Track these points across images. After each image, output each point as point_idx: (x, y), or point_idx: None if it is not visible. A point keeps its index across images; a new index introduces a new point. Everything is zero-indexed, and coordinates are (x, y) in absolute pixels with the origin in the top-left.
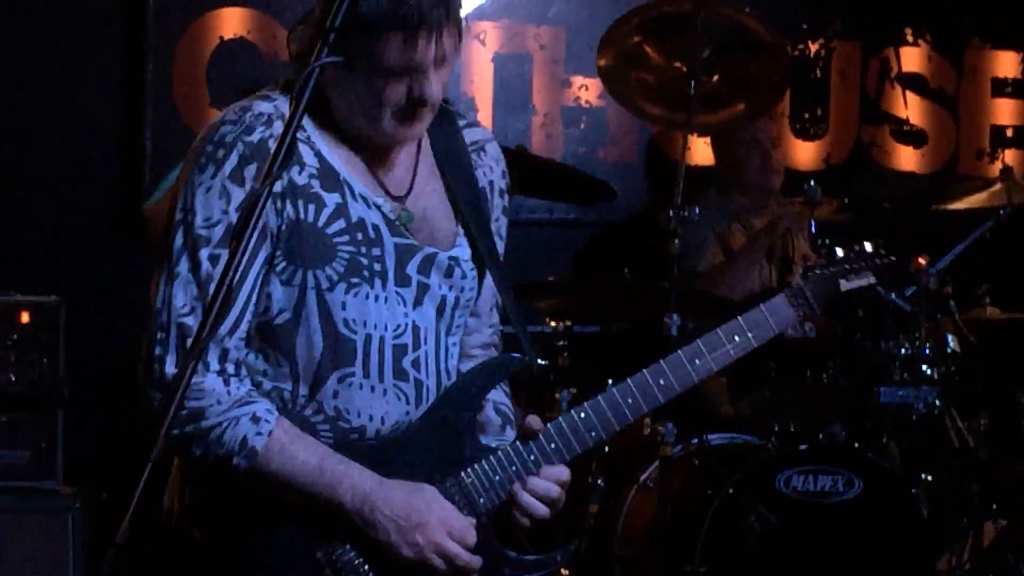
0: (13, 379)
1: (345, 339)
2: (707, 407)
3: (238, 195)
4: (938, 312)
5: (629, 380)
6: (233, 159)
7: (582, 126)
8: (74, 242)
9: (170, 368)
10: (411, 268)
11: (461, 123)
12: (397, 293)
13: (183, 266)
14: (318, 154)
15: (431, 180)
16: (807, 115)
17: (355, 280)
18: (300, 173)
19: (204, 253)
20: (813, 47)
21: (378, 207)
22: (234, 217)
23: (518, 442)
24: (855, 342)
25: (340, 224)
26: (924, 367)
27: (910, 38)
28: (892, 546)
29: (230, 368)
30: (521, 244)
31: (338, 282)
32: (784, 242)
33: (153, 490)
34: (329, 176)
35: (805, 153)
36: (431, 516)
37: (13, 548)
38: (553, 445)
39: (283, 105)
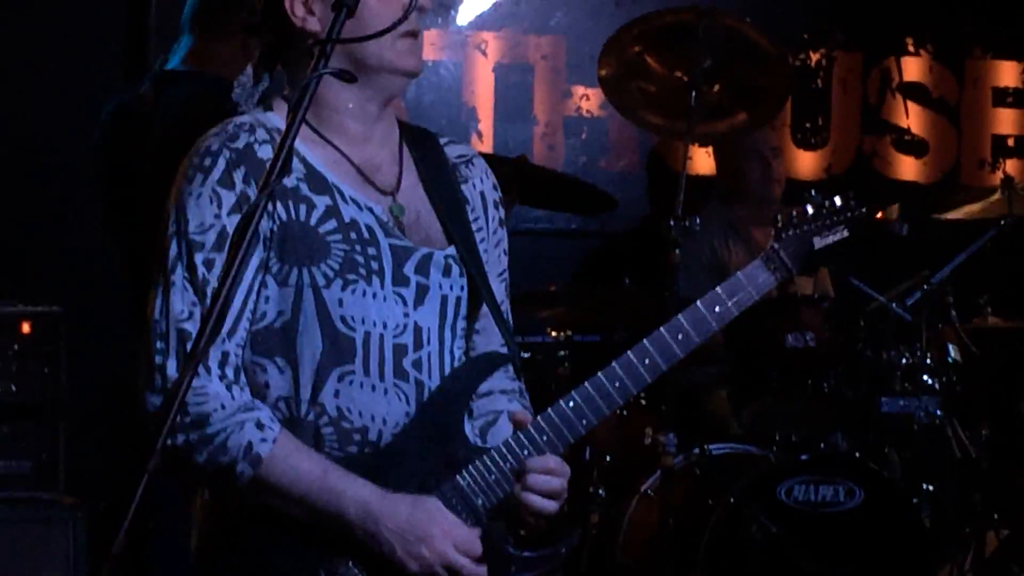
0: (14, 389)
1: (344, 336)
2: (709, 422)
3: (228, 199)
4: (939, 322)
5: (615, 363)
6: (220, 165)
7: (583, 136)
8: (76, 252)
9: (172, 372)
10: (408, 268)
11: (442, 140)
12: (396, 293)
13: (178, 274)
14: (303, 160)
15: (417, 186)
16: (808, 125)
17: (352, 277)
18: (288, 177)
19: (199, 258)
20: (814, 57)
21: (370, 210)
22: (226, 221)
23: (510, 438)
24: (856, 352)
25: (332, 224)
26: (925, 377)
27: (911, 48)
28: (894, 556)
29: (230, 373)
30: (522, 254)
31: (334, 279)
32: None
33: (150, 501)
34: (316, 180)
35: (806, 163)
36: (436, 529)
37: (14, 558)
38: (545, 437)
39: (261, 116)
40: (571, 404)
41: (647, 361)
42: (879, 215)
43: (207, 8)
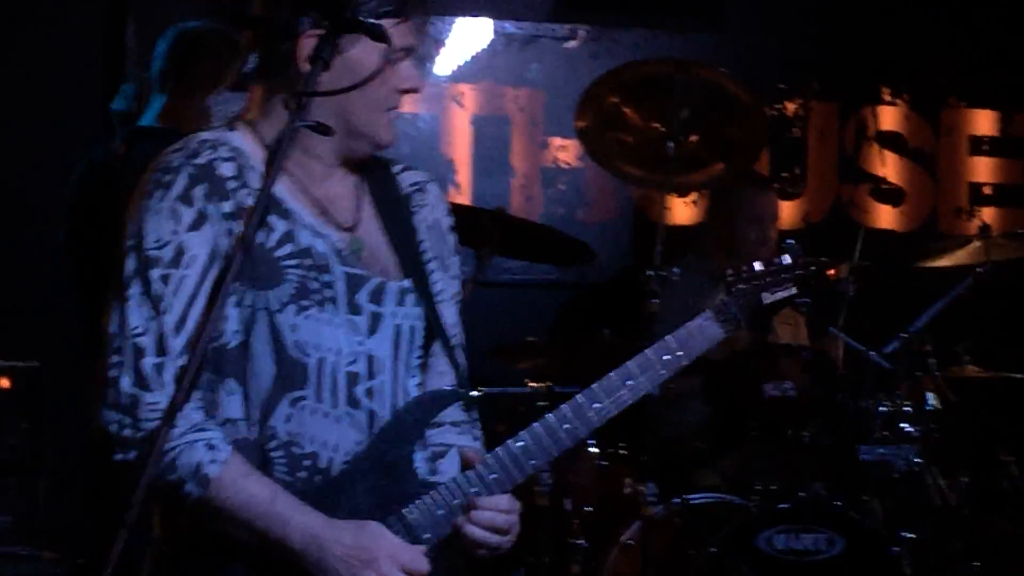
0: None
1: (296, 362)
2: (688, 472)
3: (188, 215)
4: (918, 370)
5: (564, 406)
6: (181, 181)
7: (561, 187)
8: (56, 307)
9: (126, 387)
10: (362, 297)
11: (395, 168)
12: (349, 320)
13: (135, 288)
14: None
15: (373, 218)
16: (786, 174)
17: (305, 303)
18: (249, 197)
19: (155, 274)
20: (791, 107)
21: (326, 237)
22: (184, 238)
23: (459, 475)
24: (835, 401)
25: (288, 248)
26: (904, 425)
27: (887, 97)
28: None
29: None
30: (501, 305)
31: (288, 303)
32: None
33: (130, 556)
34: (277, 205)
35: (784, 212)
36: (380, 552)
37: None
38: (494, 476)
39: (224, 135)
40: (520, 444)
41: (596, 406)
42: (830, 272)
43: (173, 66)
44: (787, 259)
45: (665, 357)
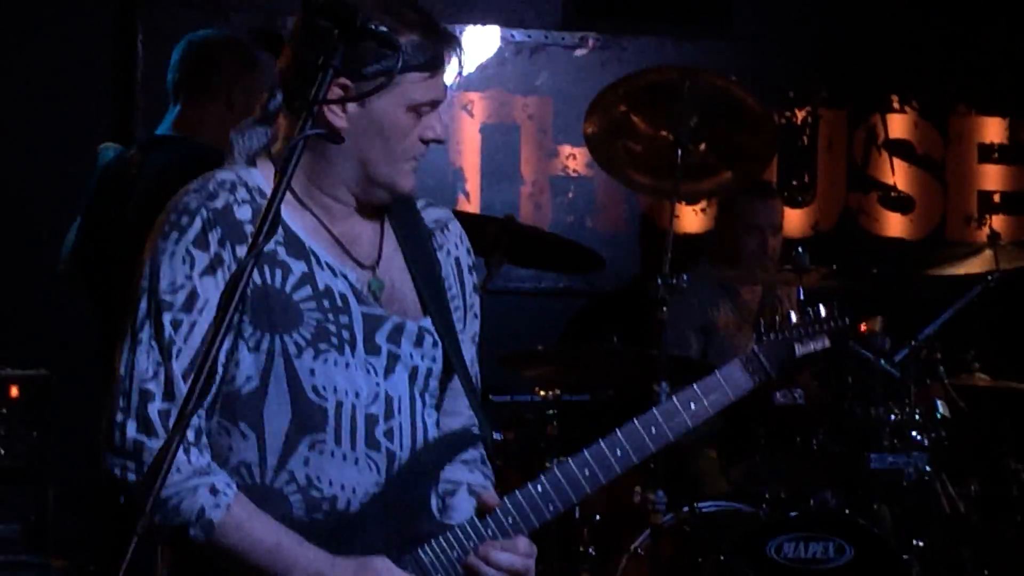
0: (3, 453)
1: (315, 406)
2: (698, 480)
3: (202, 260)
4: (927, 378)
5: (585, 451)
6: (197, 225)
7: (570, 195)
8: (65, 316)
9: (131, 433)
10: (380, 337)
11: (419, 204)
12: (367, 361)
13: (146, 332)
14: (283, 223)
15: (395, 255)
16: (795, 182)
17: (323, 346)
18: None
19: (167, 318)
20: (800, 115)
21: (344, 276)
22: (197, 283)
23: (475, 518)
24: (844, 408)
25: (307, 291)
26: (914, 433)
27: (896, 105)
28: None
29: (190, 435)
30: (510, 313)
31: (306, 348)
32: (772, 310)
33: (139, 563)
34: (294, 244)
35: (793, 220)
36: None
37: None
38: (511, 519)
39: (244, 173)
40: (539, 488)
41: (618, 453)
42: (862, 327)
43: (187, 76)
44: (822, 310)
45: (692, 406)
